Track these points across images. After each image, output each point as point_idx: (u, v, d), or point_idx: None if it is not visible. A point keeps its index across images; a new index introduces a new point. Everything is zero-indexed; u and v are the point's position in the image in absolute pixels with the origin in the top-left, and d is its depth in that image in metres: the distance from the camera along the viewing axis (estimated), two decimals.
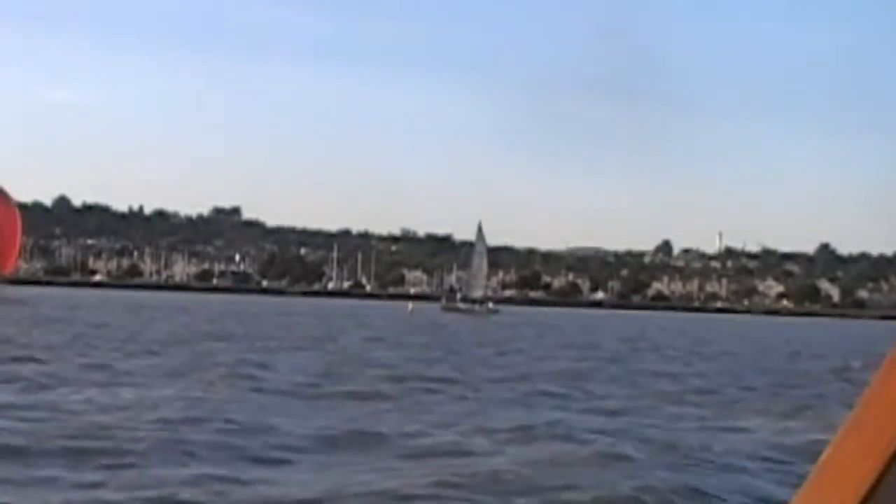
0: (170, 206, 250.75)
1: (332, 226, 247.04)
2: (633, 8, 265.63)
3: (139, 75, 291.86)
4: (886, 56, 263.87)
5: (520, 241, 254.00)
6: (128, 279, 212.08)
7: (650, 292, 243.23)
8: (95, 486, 14.18)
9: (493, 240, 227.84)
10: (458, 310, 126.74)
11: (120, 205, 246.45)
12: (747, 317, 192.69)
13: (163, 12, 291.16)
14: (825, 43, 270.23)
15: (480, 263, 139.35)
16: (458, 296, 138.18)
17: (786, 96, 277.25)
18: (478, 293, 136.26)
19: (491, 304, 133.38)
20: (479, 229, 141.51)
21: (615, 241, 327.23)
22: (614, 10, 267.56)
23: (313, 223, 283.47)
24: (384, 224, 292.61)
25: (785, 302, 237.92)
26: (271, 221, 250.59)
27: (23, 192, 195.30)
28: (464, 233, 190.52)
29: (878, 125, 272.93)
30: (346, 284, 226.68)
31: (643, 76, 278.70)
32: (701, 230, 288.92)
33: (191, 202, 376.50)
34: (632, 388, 31.83)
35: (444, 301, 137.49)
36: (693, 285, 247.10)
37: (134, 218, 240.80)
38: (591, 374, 36.98)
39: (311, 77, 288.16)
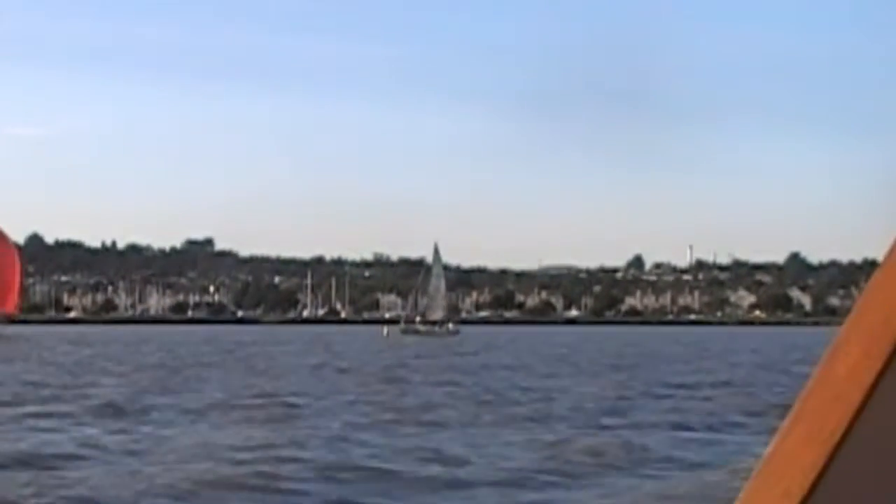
0: (142, 240, 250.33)
1: (306, 253, 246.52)
2: (600, 24, 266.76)
3: (106, 109, 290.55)
4: (857, 66, 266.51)
5: (493, 262, 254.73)
6: (103, 314, 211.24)
7: (623, 307, 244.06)
8: None
9: (465, 261, 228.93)
10: (417, 332, 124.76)
11: (93, 240, 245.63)
12: (722, 328, 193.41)
13: (129, 44, 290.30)
14: (794, 52, 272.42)
15: (438, 285, 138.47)
16: (418, 318, 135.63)
17: (752, 108, 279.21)
18: (437, 315, 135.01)
19: (451, 325, 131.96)
20: (436, 251, 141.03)
21: (587, 258, 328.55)
22: (583, 27, 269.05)
23: (286, 251, 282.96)
24: (357, 249, 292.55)
25: (757, 312, 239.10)
26: (244, 251, 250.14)
27: None
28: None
29: (846, 134, 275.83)
30: (320, 311, 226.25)
31: (612, 93, 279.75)
32: (671, 244, 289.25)
33: (163, 235, 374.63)
34: (674, 402, 32.00)
35: (402, 324, 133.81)
36: (666, 299, 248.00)
37: (107, 253, 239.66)
38: (617, 391, 37.17)
39: (281, 106, 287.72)
